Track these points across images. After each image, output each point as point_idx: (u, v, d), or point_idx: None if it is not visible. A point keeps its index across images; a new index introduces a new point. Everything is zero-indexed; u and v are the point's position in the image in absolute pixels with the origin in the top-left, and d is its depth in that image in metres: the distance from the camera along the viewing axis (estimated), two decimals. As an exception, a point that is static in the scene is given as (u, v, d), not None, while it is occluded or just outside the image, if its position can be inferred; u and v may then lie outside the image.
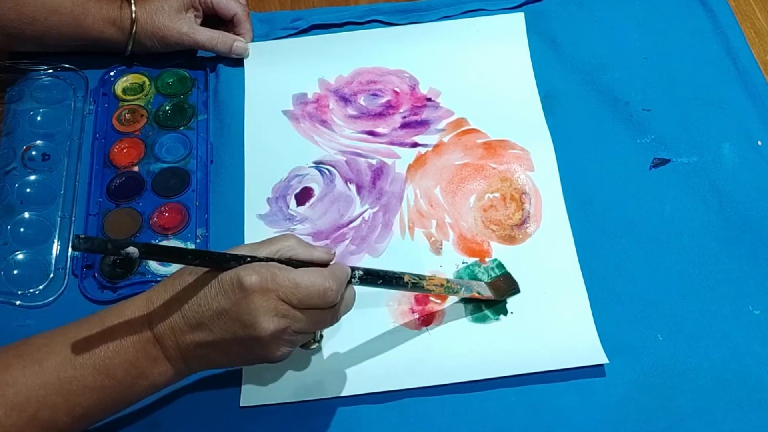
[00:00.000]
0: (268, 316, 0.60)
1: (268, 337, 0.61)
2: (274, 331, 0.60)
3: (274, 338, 0.61)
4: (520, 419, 0.70)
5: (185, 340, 0.62)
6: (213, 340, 0.61)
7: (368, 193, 0.83)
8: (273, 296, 0.60)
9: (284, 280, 0.61)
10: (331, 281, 0.62)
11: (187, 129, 0.88)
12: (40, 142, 0.86)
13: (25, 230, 0.80)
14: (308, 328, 0.63)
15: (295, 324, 0.61)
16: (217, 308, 0.61)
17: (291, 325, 0.61)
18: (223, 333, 0.61)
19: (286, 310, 0.61)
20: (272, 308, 0.60)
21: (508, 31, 0.93)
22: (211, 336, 0.61)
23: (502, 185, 0.83)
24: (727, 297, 0.77)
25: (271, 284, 0.60)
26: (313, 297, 0.61)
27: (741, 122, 0.87)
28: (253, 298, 0.60)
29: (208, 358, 0.63)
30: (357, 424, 0.70)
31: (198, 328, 0.61)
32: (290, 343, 0.63)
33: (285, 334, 0.61)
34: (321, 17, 0.95)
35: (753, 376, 0.72)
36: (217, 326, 0.61)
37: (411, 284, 0.69)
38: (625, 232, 0.80)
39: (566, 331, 0.74)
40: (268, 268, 0.61)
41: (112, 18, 0.87)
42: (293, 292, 0.61)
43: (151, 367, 0.62)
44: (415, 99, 0.90)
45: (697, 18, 0.95)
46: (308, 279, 0.61)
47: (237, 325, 0.61)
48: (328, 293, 0.61)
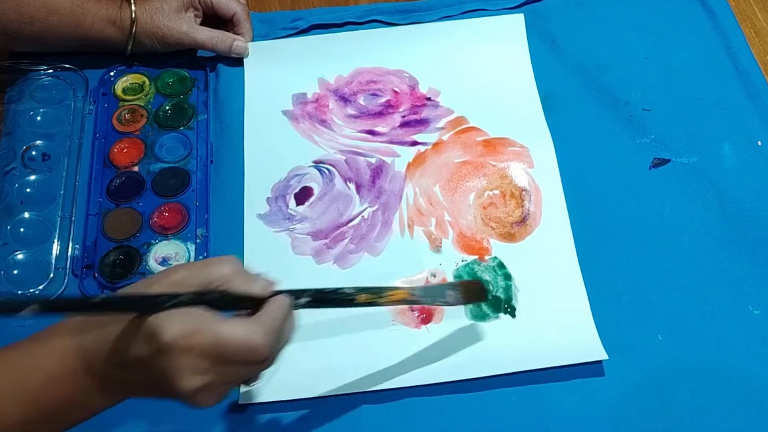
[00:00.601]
0: (187, 376, 0.55)
1: (185, 395, 0.56)
2: (195, 389, 0.55)
3: (196, 394, 0.56)
4: (520, 419, 0.70)
5: (113, 376, 0.57)
6: (135, 381, 0.57)
7: (368, 191, 0.83)
8: (192, 354, 0.54)
9: (206, 335, 0.55)
10: (261, 338, 0.56)
11: (187, 129, 0.88)
12: (40, 142, 0.86)
13: (25, 230, 0.80)
14: (238, 380, 0.59)
15: (219, 378, 0.56)
16: (138, 356, 0.55)
17: (215, 381, 0.56)
18: (144, 378, 0.57)
19: (206, 367, 0.55)
20: (192, 366, 0.55)
21: (508, 32, 0.93)
22: (134, 378, 0.57)
23: (502, 182, 0.83)
24: (727, 297, 0.77)
25: (189, 340, 0.54)
26: (238, 353, 0.56)
27: (741, 122, 0.87)
28: (171, 355, 0.54)
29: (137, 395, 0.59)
30: (357, 423, 0.70)
31: (123, 367, 0.56)
32: (218, 394, 0.58)
33: (208, 390, 0.56)
34: (321, 17, 0.95)
35: (753, 376, 0.72)
36: (138, 371, 0.56)
37: (366, 303, 0.64)
38: (625, 232, 0.80)
39: (565, 328, 0.74)
40: (191, 320, 0.55)
41: (112, 18, 0.87)
42: (214, 347, 0.55)
43: (81, 397, 0.57)
44: (415, 98, 0.90)
45: (697, 18, 0.96)
46: (233, 336, 0.55)
47: (156, 379, 0.56)
48: (256, 351, 0.56)
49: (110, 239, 0.80)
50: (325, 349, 0.73)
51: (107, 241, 0.79)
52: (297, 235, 0.80)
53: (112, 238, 0.80)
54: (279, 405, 0.71)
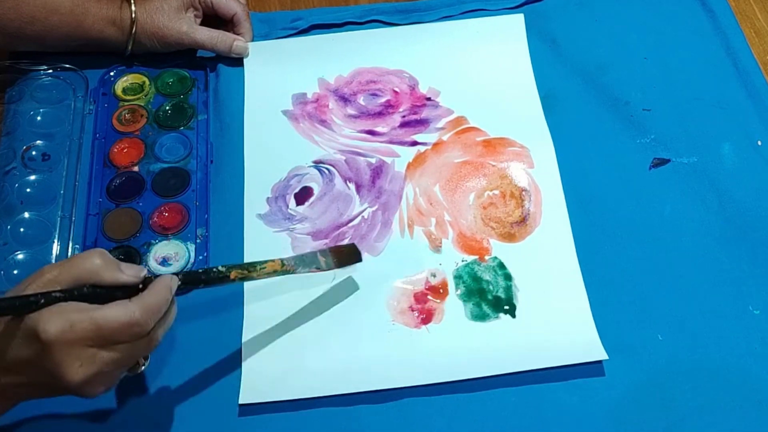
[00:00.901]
0: (73, 367, 0.56)
1: (75, 386, 0.57)
2: (84, 378, 0.57)
3: (86, 384, 0.57)
4: (520, 419, 0.70)
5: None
6: (25, 383, 0.58)
7: (367, 191, 0.83)
8: (75, 346, 0.56)
9: (83, 323, 0.56)
10: (137, 313, 0.57)
11: (187, 129, 0.88)
12: (40, 142, 0.86)
13: (25, 230, 0.80)
14: (124, 363, 0.59)
15: (106, 366, 0.57)
16: (24, 358, 0.57)
17: (101, 368, 0.57)
18: (33, 378, 0.58)
19: (91, 355, 0.57)
20: (76, 357, 0.56)
21: (508, 32, 0.93)
22: (23, 379, 0.58)
23: (502, 182, 0.83)
24: (727, 297, 0.77)
25: (69, 333, 0.55)
26: (117, 334, 0.57)
27: (741, 122, 0.87)
28: (54, 350, 0.55)
29: (25, 395, 0.60)
30: (357, 423, 0.70)
31: (8, 371, 0.58)
32: (108, 381, 0.59)
33: (97, 378, 0.58)
34: (321, 17, 0.96)
35: (753, 376, 0.72)
36: (26, 373, 0.57)
37: (239, 278, 0.67)
38: (625, 232, 0.80)
39: (565, 328, 0.74)
40: (65, 314, 0.56)
41: (112, 18, 0.87)
42: (96, 333, 0.56)
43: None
44: (415, 98, 0.90)
45: (697, 18, 0.96)
46: (110, 316, 0.57)
47: (45, 375, 0.57)
48: (134, 328, 0.57)
49: (110, 239, 0.80)
50: (326, 349, 0.73)
51: (107, 241, 0.80)
52: (297, 235, 0.80)
53: (112, 238, 0.80)
54: (279, 405, 0.70)
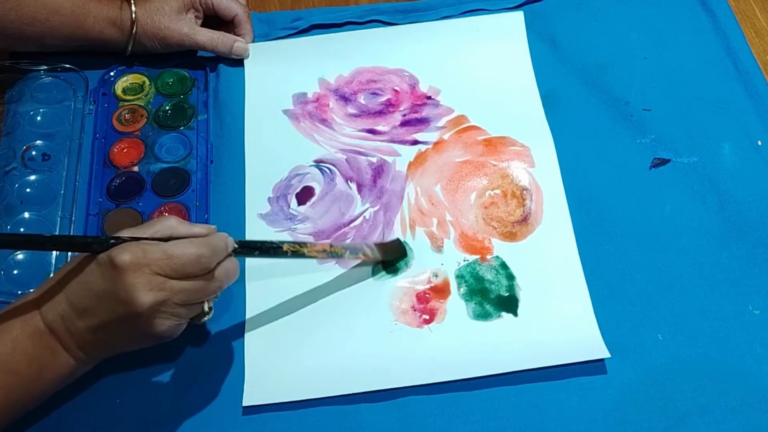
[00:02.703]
0: (144, 291, 0.60)
1: (147, 311, 0.61)
2: (153, 304, 0.61)
3: (154, 312, 0.61)
4: (520, 418, 0.70)
5: (76, 326, 0.62)
6: (100, 323, 0.62)
7: (369, 191, 0.83)
8: (146, 271, 0.60)
9: (156, 253, 0.61)
10: (204, 248, 0.62)
11: (187, 129, 0.88)
12: (40, 142, 0.85)
13: (25, 230, 0.80)
14: (189, 298, 0.63)
15: (174, 296, 0.62)
16: (97, 290, 0.61)
17: (170, 297, 0.62)
18: (107, 314, 0.61)
19: (161, 282, 0.61)
20: (146, 282, 0.60)
21: (508, 29, 0.93)
22: (97, 319, 0.62)
23: (503, 182, 0.83)
24: (727, 297, 0.77)
25: (142, 259, 0.60)
26: (186, 265, 0.62)
27: (741, 122, 0.88)
28: (127, 275, 0.60)
29: (101, 343, 0.64)
30: (357, 423, 0.70)
31: (84, 313, 0.62)
32: (174, 316, 0.63)
33: (165, 307, 0.62)
34: (321, 17, 0.96)
35: (753, 376, 0.72)
36: (100, 308, 0.61)
37: (290, 252, 0.70)
38: (625, 232, 0.80)
39: (568, 327, 0.74)
40: (139, 245, 0.61)
41: (113, 19, 0.87)
42: (166, 263, 0.61)
43: (51, 358, 0.63)
44: (415, 97, 0.90)
45: (697, 18, 0.96)
46: (180, 249, 0.62)
47: (117, 304, 0.61)
48: (201, 259, 0.62)
49: (110, 239, 0.80)
50: (329, 350, 0.73)
51: (108, 241, 0.79)
52: (298, 235, 0.80)
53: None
54: (281, 406, 0.70)
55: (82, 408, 0.70)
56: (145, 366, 0.72)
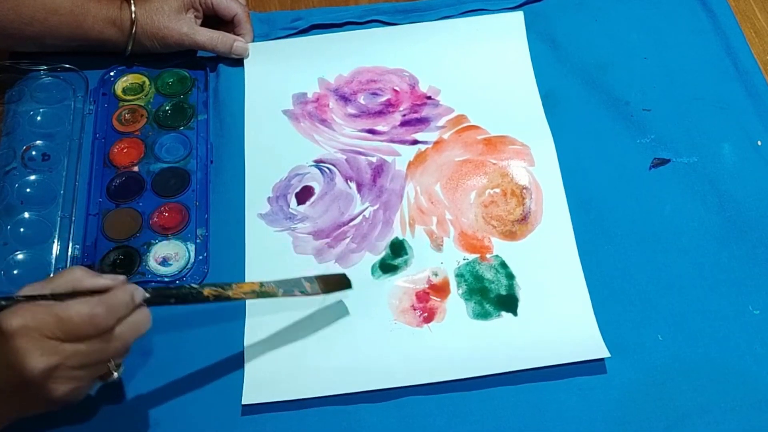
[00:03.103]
0: (34, 357, 0.57)
1: (39, 377, 0.57)
2: (44, 369, 0.57)
3: (47, 377, 0.58)
4: (520, 418, 0.70)
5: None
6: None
7: (368, 190, 0.83)
8: (36, 335, 0.57)
9: (45, 315, 0.58)
10: (99, 307, 0.59)
11: (187, 129, 0.88)
12: (40, 142, 0.85)
13: (25, 230, 0.80)
14: (85, 361, 0.60)
15: (68, 360, 0.58)
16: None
17: (63, 362, 0.58)
18: (0, 381, 0.58)
19: (53, 346, 0.58)
20: (36, 348, 0.57)
21: (508, 29, 0.93)
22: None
23: (503, 181, 0.83)
24: (727, 297, 0.77)
25: (31, 323, 0.57)
26: (79, 326, 0.58)
27: (741, 122, 0.88)
28: (15, 340, 0.57)
29: (1, 409, 0.60)
30: (356, 423, 0.70)
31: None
32: (72, 380, 0.60)
33: (60, 371, 0.58)
34: (321, 17, 0.96)
35: (753, 376, 0.72)
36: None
37: (213, 297, 0.66)
38: (625, 232, 0.80)
39: (567, 326, 0.74)
40: (29, 307, 0.58)
41: (112, 18, 0.87)
42: (57, 326, 0.58)
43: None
44: (415, 97, 0.90)
45: (697, 18, 0.96)
46: (71, 310, 0.58)
47: (8, 370, 0.57)
48: (95, 320, 0.59)
49: (110, 239, 0.80)
50: (328, 349, 0.73)
51: (107, 241, 0.80)
52: (298, 235, 0.80)
53: (112, 238, 0.80)
54: (281, 405, 0.70)
55: (81, 408, 0.70)
56: (145, 366, 0.72)
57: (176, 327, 0.73)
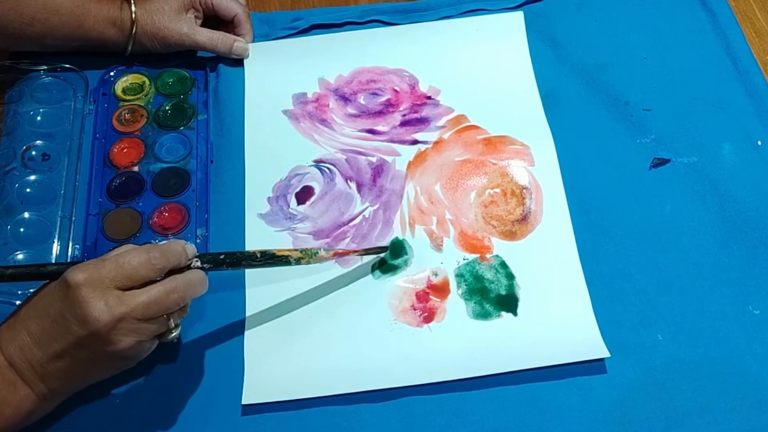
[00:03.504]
0: (99, 306, 0.59)
1: (105, 328, 0.59)
2: (109, 320, 0.59)
3: (112, 329, 0.60)
4: (520, 418, 0.70)
5: (35, 356, 0.61)
6: (59, 349, 0.60)
7: (368, 190, 0.83)
8: (100, 286, 0.60)
9: (106, 265, 0.61)
10: (154, 250, 0.62)
11: (187, 129, 0.88)
12: (40, 142, 0.86)
13: (25, 230, 0.80)
14: (148, 311, 0.61)
15: (132, 310, 0.60)
16: (53, 314, 0.60)
17: (128, 312, 0.60)
18: (65, 338, 0.60)
19: (117, 296, 0.60)
20: (101, 297, 0.59)
21: (508, 29, 0.93)
22: (56, 345, 0.60)
23: (503, 181, 0.83)
24: (727, 297, 0.77)
25: (94, 275, 0.60)
26: (138, 268, 0.61)
27: (741, 122, 0.87)
28: (80, 292, 0.59)
29: (63, 373, 0.62)
30: (356, 423, 0.70)
31: (42, 340, 0.60)
32: (135, 333, 0.61)
33: (124, 323, 0.60)
34: (321, 17, 0.96)
35: (753, 376, 0.72)
36: (58, 333, 0.60)
37: (260, 254, 0.69)
38: (625, 232, 0.80)
39: (567, 326, 0.74)
40: (92, 263, 0.61)
41: (113, 19, 0.87)
42: (118, 272, 0.61)
43: (11, 393, 0.61)
44: (415, 97, 0.90)
45: (697, 18, 0.96)
46: (129, 255, 0.62)
47: (74, 325, 0.60)
48: (152, 261, 0.62)
49: (110, 239, 0.80)
50: (328, 349, 0.73)
51: (107, 241, 0.80)
52: (298, 235, 0.80)
53: (112, 238, 0.80)
54: (280, 405, 0.70)
55: (81, 408, 0.70)
56: (145, 366, 0.72)
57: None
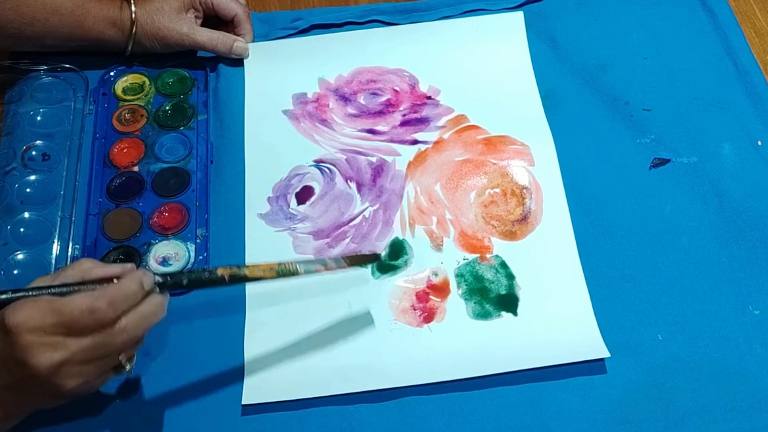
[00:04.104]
0: (38, 353, 0.56)
1: (45, 373, 0.57)
2: (49, 366, 0.57)
3: (54, 374, 0.57)
4: (520, 418, 0.70)
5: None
6: (5, 384, 0.59)
7: (368, 190, 0.83)
8: (41, 331, 0.56)
9: (47, 311, 0.57)
10: (101, 300, 0.58)
11: (187, 129, 0.88)
12: (40, 142, 0.86)
13: (25, 230, 0.80)
14: (91, 355, 0.59)
15: (74, 355, 0.58)
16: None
17: (69, 357, 0.57)
18: (9, 376, 0.58)
19: (56, 342, 0.57)
20: (40, 344, 0.56)
21: (508, 29, 0.93)
22: (1, 380, 0.58)
23: (503, 181, 0.83)
24: (727, 297, 0.76)
25: (33, 319, 0.56)
26: (81, 321, 0.57)
27: (741, 122, 0.87)
28: (20, 337, 0.56)
29: (14, 402, 0.61)
30: (356, 423, 0.70)
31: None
32: (81, 375, 0.59)
33: (67, 367, 0.58)
34: (321, 17, 0.96)
35: (753, 376, 0.72)
36: (1, 370, 0.58)
37: (228, 277, 0.65)
38: (625, 232, 0.80)
39: (567, 326, 0.74)
40: (31, 303, 0.57)
41: (113, 19, 0.87)
42: (59, 321, 0.57)
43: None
44: (415, 97, 0.90)
45: (697, 18, 0.96)
46: (73, 304, 0.57)
47: (13, 366, 0.57)
48: (96, 314, 0.57)
49: (110, 239, 0.80)
50: (327, 349, 0.73)
51: (107, 241, 0.80)
52: (298, 235, 0.80)
53: (112, 238, 0.80)
54: (280, 405, 0.70)
55: (81, 408, 0.70)
56: (145, 366, 0.72)
57: (176, 327, 0.73)
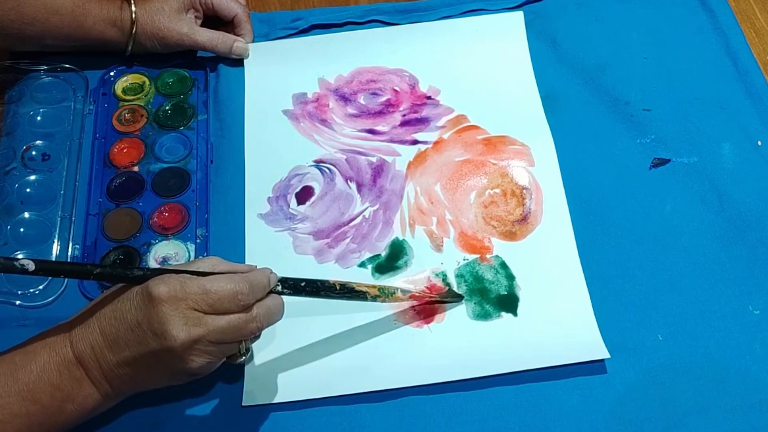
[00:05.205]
0: (178, 325, 0.59)
1: (179, 347, 0.60)
2: (186, 340, 0.60)
3: (186, 348, 0.60)
4: (520, 418, 0.70)
5: (105, 358, 0.61)
6: (130, 356, 0.61)
7: (368, 191, 0.83)
8: (182, 305, 0.60)
9: (193, 287, 0.60)
10: (242, 284, 0.62)
11: (187, 129, 0.88)
12: (40, 142, 0.86)
13: (25, 230, 0.80)
14: (224, 336, 0.62)
15: (209, 333, 0.60)
16: (131, 321, 0.60)
17: (205, 334, 0.60)
18: (139, 347, 0.60)
19: (197, 318, 0.60)
20: (182, 317, 0.59)
21: (508, 29, 0.93)
22: (128, 352, 0.61)
23: (503, 181, 0.83)
24: (727, 297, 0.77)
25: (179, 293, 0.60)
26: (223, 300, 0.61)
27: (741, 122, 0.87)
28: (162, 307, 0.59)
29: (129, 378, 0.62)
30: (357, 423, 0.70)
31: (115, 344, 0.61)
32: (207, 354, 0.62)
33: (199, 344, 0.60)
34: (321, 17, 0.96)
35: (753, 376, 0.72)
36: (132, 341, 0.60)
37: (339, 286, 0.69)
38: (625, 232, 0.80)
39: (567, 327, 0.74)
40: (177, 278, 0.61)
41: (113, 19, 0.87)
42: (203, 298, 0.60)
43: (76, 389, 0.61)
44: (415, 97, 0.90)
45: (697, 18, 0.96)
46: (217, 284, 0.61)
47: (150, 337, 0.60)
48: (238, 296, 0.61)
49: (110, 239, 0.80)
50: (327, 350, 0.73)
51: (107, 241, 0.80)
52: (298, 235, 0.80)
53: (112, 238, 0.80)
54: (280, 406, 0.70)
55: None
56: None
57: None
